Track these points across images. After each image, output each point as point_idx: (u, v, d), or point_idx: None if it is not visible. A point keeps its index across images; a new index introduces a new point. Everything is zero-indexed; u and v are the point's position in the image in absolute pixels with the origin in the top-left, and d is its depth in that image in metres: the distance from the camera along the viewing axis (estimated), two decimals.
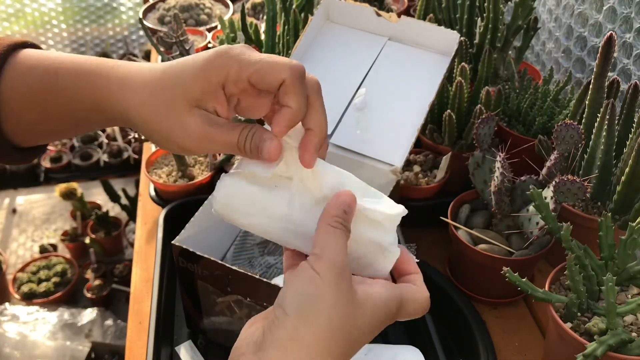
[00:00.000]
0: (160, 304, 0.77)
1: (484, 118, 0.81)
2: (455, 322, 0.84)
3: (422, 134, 1.01)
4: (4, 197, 2.40)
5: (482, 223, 0.86)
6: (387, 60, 0.86)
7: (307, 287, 0.35)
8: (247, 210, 0.41)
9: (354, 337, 0.36)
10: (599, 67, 0.76)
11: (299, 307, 0.35)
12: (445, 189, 0.95)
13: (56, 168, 2.06)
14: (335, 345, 0.35)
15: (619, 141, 0.79)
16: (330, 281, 0.35)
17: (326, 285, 0.35)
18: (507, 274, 0.65)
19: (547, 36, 1.25)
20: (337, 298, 0.35)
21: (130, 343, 0.82)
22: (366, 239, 0.41)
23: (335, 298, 0.35)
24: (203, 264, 0.68)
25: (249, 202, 0.41)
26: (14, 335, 1.65)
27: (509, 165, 0.76)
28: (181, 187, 0.97)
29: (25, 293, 1.85)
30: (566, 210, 0.81)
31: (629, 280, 0.68)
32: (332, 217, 0.38)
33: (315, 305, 0.35)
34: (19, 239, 2.24)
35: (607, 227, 0.66)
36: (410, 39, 0.86)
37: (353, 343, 0.36)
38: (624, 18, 0.95)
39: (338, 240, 0.37)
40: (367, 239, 0.41)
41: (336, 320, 0.35)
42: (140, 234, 1.03)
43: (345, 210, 0.39)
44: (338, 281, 0.36)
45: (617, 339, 0.59)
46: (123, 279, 1.96)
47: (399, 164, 0.77)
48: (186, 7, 1.62)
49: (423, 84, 0.82)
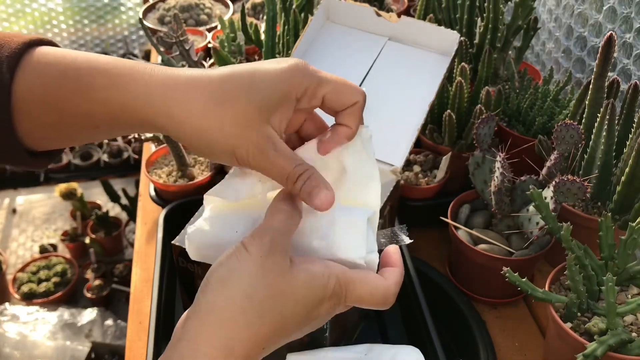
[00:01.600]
0: (160, 304, 0.77)
1: (484, 118, 0.81)
2: (455, 322, 0.84)
3: (422, 134, 1.01)
4: (4, 197, 2.40)
5: (482, 223, 0.86)
6: (387, 60, 0.86)
7: (232, 259, 0.37)
8: (221, 247, 0.41)
9: (278, 308, 0.36)
10: (599, 67, 0.76)
11: (220, 275, 0.37)
12: (445, 189, 0.95)
13: (56, 168, 2.06)
14: (251, 312, 0.36)
15: (619, 141, 0.79)
16: (256, 256, 0.36)
17: (250, 259, 0.36)
18: (507, 274, 0.65)
19: (547, 36, 1.25)
20: (259, 267, 0.36)
21: (130, 343, 0.82)
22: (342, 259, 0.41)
23: (256, 267, 0.36)
24: (203, 264, 0.68)
25: (219, 242, 0.42)
26: (14, 335, 1.65)
27: (509, 165, 0.76)
28: (181, 187, 0.97)
29: (25, 293, 1.85)
30: (566, 210, 0.81)
31: (629, 280, 0.68)
32: (280, 200, 0.40)
33: (235, 273, 0.36)
34: (19, 239, 2.24)
35: (607, 227, 0.66)
36: (410, 39, 0.86)
37: (278, 315, 0.37)
38: (624, 18, 0.95)
39: (279, 221, 0.38)
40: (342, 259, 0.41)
41: (256, 287, 0.36)
42: (140, 234, 1.03)
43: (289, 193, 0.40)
44: (264, 256, 0.36)
45: (617, 339, 0.59)
46: (123, 279, 1.96)
47: (399, 164, 0.77)
48: (186, 7, 1.62)
49: (423, 84, 0.82)
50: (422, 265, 0.90)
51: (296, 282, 0.37)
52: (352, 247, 0.41)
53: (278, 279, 0.36)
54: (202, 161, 1.04)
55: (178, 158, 1.00)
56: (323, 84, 0.40)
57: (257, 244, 0.37)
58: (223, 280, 0.36)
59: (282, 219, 0.38)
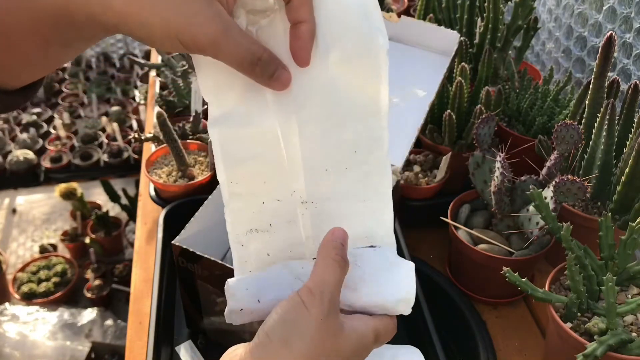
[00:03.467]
0: (160, 304, 0.77)
1: (484, 118, 0.81)
2: (455, 322, 0.84)
3: (422, 134, 1.01)
4: (4, 197, 2.40)
5: (482, 223, 0.86)
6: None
7: (293, 317, 0.37)
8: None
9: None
10: (599, 67, 0.76)
11: (282, 335, 0.37)
12: (445, 189, 0.95)
13: (56, 168, 2.06)
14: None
15: (619, 141, 0.79)
16: (316, 318, 0.37)
17: (312, 318, 0.37)
18: (507, 274, 0.65)
19: (547, 36, 1.26)
20: (320, 330, 0.37)
21: (130, 343, 0.82)
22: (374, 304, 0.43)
23: (317, 329, 0.37)
24: (203, 264, 0.68)
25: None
26: (14, 335, 1.65)
27: (509, 165, 0.76)
28: (181, 187, 0.97)
29: (25, 293, 1.85)
30: (566, 210, 0.81)
31: (629, 280, 0.68)
32: (331, 250, 0.39)
33: (297, 334, 0.36)
34: (19, 239, 2.25)
35: (607, 227, 0.66)
36: (410, 39, 0.86)
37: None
38: (623, 18, 0.95)
39: (334, 275, 0.39)
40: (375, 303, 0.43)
41: (315, 349, 0.37)
42: (140, 234, 1.03)
43: (342, 244, 0.40)
44: (324, 319, 0.37)
45: (617, 339, 0.59)
46: (123, 279, 1.96)
47: (399, 164, 0.77)
48: None
49: (423, 84, 0.82)
50: (422, 265, 0.90)
51: (348, 341, 0.39)
52: (385, 297, 0.43)
53: (333, 339, 0.38)
54: (202, 161, 1.04)
55: (178, 158, 1.00)
56: None
57: (318, 305, 0.37)
58: (285, 341, 0.36)
59: (335, 272, 0.39)
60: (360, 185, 0.42)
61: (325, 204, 0.43)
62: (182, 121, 1.15)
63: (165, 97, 1.24)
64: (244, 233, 0.44)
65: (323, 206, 0.43)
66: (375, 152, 0.42)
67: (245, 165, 0.41)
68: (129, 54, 2.56)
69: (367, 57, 0.39)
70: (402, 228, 0.89)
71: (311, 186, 0.42)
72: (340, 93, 0.39)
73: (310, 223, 0.43)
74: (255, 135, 0.40)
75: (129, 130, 2.19)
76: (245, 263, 0.44)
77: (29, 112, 2.22)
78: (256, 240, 0.44)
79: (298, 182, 0.42)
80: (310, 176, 0.41)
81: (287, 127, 0.40)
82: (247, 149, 0.41)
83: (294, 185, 0.42)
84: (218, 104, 0.40)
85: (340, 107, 0.40)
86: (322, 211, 0.43)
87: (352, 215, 0.43)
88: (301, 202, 0.42)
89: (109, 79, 2.46)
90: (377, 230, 0.44)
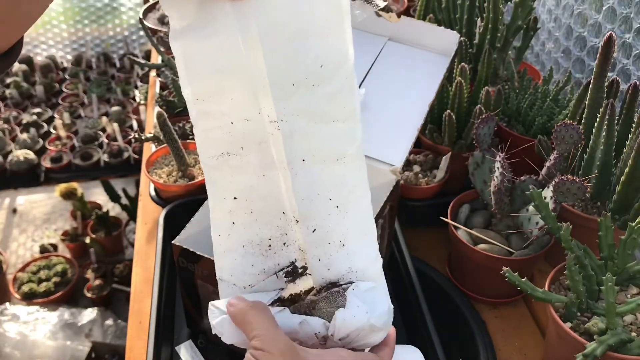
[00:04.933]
0: (160, 303, 0.77)
1: (483, 118, 0.81)
2: (455, 322, 0.84)
3: (422, 134, 1.01)
4: (4, 197, 2.40)
5: (482, 223, 0.86)
6: (387, 60, 0.86)
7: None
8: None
9: None
10: (598, 67, 0.76)
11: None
12: (445, 189, 0.95)
13: (56, 168, 2.06)
14: None
15: (619, 141, 0.79)
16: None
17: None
18: (506, 274, 0.65)
19: (546, 36, 1.26)
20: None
21: (131, 343, 0.83)
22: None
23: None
24: (203, 264, 0.68)
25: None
26: (14, 335, 1.65)
27: (508, 165, 0.77)
28: (181, 187, 0.97)
29: (25, 293, 1.85)
30: (566, 210, 0.81)
31: (629, 280, 0.68)
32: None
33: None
34: (19, 238, 2.25)
35: (606, 227, 0.66)
36: (410, 39, 0.86)
37: None
38: (623, 18, 0.95)
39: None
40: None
41: None
42: (140, 234, 1.03)
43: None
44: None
45: (616, 338, 0.59)
46: (123, 278, 1.96)
47: (399, 164, 0.77)
48: None
49: (423, 84, 0.82)
50: (422, 265, 0.90)
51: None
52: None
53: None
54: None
55: (178, 158, 1.00)
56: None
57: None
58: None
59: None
60: (329, 103, 0.42)
61: (295, 121, 0.41)
62: (182, 121, 1.16)
63: (165, 97, 1.24)
64: (215, 156, 0.43)
65: (292, 124, 0.41)
66: (344, 66, 0.42)
67: (210, 79, 0.40)
68: (129, 54, 2.55)
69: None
70: (402, 228, 0.89)
71: (279, 102, 0.40)
72: (303, 1, 0.39)
73: (281, 144, 0.41)
74: (217, 47, 0.39)
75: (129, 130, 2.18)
76: (216, 188, 0.44)
77: (29, 112, 2.22)
78: (228, 166, 0.43)
79: (266, 98, 0.40)
80: (277, 90, 0.40)
81: (248, 35, 0.38)
82: (211, 63, 0.40)
83: (262, 102, 0.40)
84: (178, 16, 0.40)
85: (303, 17, 0.39)
86: (292, 130, 0.41)
87: (322, 136, 0.42)
88: (270, 120, 0.41)
89: (109, 79, 2.46)
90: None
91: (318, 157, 0.42)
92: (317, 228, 0.44)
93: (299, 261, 0.45)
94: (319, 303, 0.44)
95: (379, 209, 0.72)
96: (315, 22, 0.40)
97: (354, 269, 0.45)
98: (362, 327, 0.42)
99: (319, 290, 0.45)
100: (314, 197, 0.43)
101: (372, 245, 0.46)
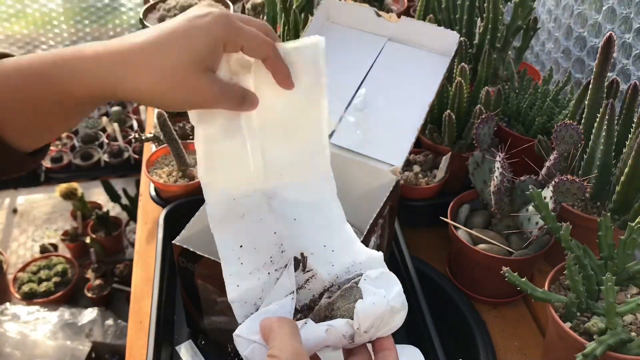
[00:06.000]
0: (160, 303, 0.77)
1: (483, 118, 0.81)
2: (455, 322, 0.84)
3: (422, 134, 1.01)
4: (4, 197, 2.41)
5: (482, 223, 0.86)
6: (387, 61, 0.86)
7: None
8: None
9: None
10: (598, 67, 0.77)
11: None
12: (445, 189, 0.95)
13: (57, 168, 2.06)
14: None
15: (619, 141, 0.79)
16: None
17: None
18: (506, 274, 0.66)
19: (546, 36, 1.26)
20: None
21: (131, 343, 0.83)
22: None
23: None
24: (203, 264, 0.68)
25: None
26: (15, 334, 1.65)
27: (508, 165, 0.77)
28: (181, 187, 0.97)
29: (25, 293, 1.85)
30: (566, 210, 0.81)
31: (629, 280, 0.68)
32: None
33: None
34: (19, 238, 2.25)
35: (606, 227, 0.66)
36: (410, 39, 0.86)
37: None
38: (623, 18, 0.95)
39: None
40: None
41: None
42: (140, 233, 1.03)
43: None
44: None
45: (616, 338, 0.59)
46: (123, 278, 1.96)
47: (399, 164, 0.77)
48: (186, 7, 1.62)
49: (423, 84, 0.82)
50: (422, 265, 0.90)
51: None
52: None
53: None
54: None
55: (178, 158, 1.00)
56: (241, 34, 0.46)
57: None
58: None
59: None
60: (309, 177, 0.54)
61: (283, 192, 0.54)
62: (183, 121, 1.16)
63: None
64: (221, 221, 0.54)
65: (283, 194, 0.53)
66: (320, 159, 0.54)
67: (221, 170, 0.53)
68: None
69: (312, 93, 0.51)
70: (402, 228, 0.89)
71: (271, 184, 0.53)
72: (290, 117, 0.52)
73: (278, 210, 0.52)
74: (230, 147, 0.52)
75: (129, 130, 2.19)
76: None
77: None
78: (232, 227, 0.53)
79: (262, 182, 0.53)
80: (271, 177, 0.53)
81: (254, 141, 0.52)
82: (222, 157, 0.52)
83: (258, 185, 0.53)
84: (203, 127, 0.51)
85: (290, 125, 0.53)
86: (283, 199, 0.53)
87: (302, 188, 0.54)
88: (266, 196, 0.53)
89: None
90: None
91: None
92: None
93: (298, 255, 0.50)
94: (336, 302, 0.46)
95: (379, 209, 0.72)
96: (299, 130, 0.54)
97: (358, 260, 0.49)
98: (384, 312, 0.44)
99: (329, 288, 0.48)
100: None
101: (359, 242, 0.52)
